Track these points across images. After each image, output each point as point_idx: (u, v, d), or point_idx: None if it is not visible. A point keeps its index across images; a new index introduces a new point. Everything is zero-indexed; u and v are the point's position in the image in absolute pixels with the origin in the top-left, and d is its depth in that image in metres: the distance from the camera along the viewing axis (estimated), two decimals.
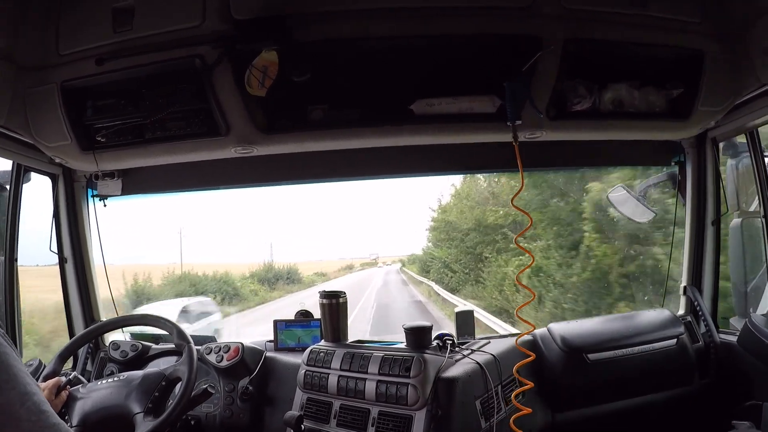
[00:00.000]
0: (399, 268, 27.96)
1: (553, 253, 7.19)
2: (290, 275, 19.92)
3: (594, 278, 6.36)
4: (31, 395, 0.82)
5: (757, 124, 1.62)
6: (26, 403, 0.81)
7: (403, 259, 29.65)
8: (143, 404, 1.26)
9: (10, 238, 1.63)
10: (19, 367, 0.83)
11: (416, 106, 1.47)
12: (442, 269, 13.64)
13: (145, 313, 1.50)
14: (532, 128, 1.49)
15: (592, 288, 6.41)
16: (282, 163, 1.73)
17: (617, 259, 5.91)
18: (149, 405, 1.26)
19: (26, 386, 0.82)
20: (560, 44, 1.36)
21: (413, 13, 1.35)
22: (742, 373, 1.65)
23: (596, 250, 6.20)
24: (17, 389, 0.81)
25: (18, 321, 1.64)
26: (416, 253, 22.59)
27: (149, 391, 1.29)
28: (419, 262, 20.67)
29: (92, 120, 1.47)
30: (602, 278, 6.15)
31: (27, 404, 0.81)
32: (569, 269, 6.84)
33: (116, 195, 1.83)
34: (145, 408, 1.25)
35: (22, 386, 0.82)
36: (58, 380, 1.30)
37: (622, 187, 1.84)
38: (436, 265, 14.64)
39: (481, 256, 11.10)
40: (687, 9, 1.42)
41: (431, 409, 1.32)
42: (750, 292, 1.80)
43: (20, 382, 0.82)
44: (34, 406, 0.82)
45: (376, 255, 33.69)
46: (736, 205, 1.82)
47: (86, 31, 1.36)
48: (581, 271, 6.56)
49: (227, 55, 1.33)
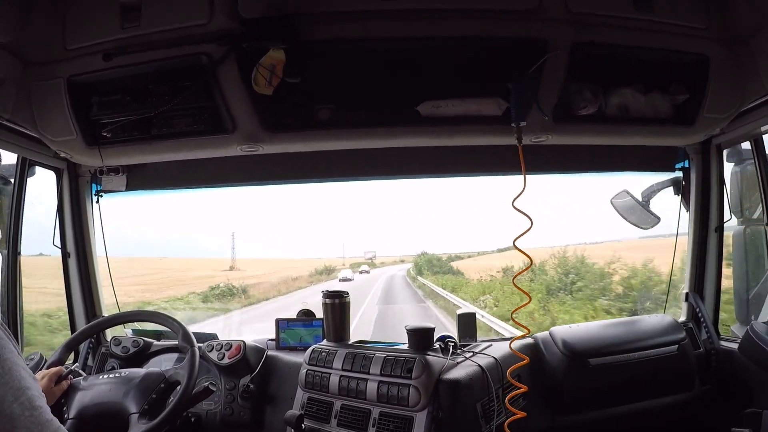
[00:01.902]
0: (405, 273, 22.48)
1: None
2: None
3: None
4: (25, 390, 0.82)
5: (762, 131, 1.62)
6: (20, 398, 0.81)
7: (408, 260, 25.29)
8: (140, 405, 1.26)
9: (13, 232, 1.63)
10: (15, 360, 0.83)
11: (422, 107, 1.47)
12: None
13: (156, 311, 1.50)
14: (538, 132, 1.49)
15: None
16: (287, 162, 1.73)
17: None
18: (145, 407, 1.26)
19: (20, 381, 0.83)
20: (566, 48, 1.37)
21: (420, 15, 1.35)
22: (742, 380, 1.65)
23: None
24: (11, 384, 0.81)
25: (20, 314, 1.64)
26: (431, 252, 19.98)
27: (147, 392, 1.29)
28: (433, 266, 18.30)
29: (98, 115, 1.47)
30: None
31: (21, 399, 0.81)
32: None
33: (120, 191, 1.84)
34: (141, 409, 1.26)
35: (17, 381, 0.82)
36: (60, 369, 1.32)
37: (626, 192, 1.83)
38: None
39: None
40: (693, 14, 1.42)
41: (432, 411, 1.32)
42: (752, 299, 1.80)
43: (15, 377, 0.82)
44: (28, 401, 0.82)
45: (372, 253, 28.25)
46: (740, 212, 1.82)
47: (93, 26, 1.36)
48: None
49: (234, 53, 1.33)
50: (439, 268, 18.50)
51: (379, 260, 28.57)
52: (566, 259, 11.37)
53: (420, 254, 21.86)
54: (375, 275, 23.30)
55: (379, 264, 27.87)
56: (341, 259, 27.76)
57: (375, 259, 27.98)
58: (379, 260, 28.57)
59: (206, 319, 10.25)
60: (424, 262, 20.54)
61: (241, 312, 13.35)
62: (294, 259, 29.48)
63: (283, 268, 22.23)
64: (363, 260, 27.07)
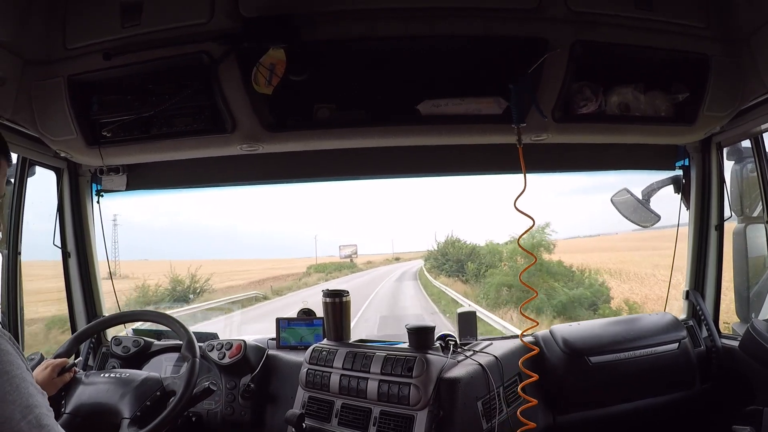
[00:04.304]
0: (419, 282, 15.67)
1: None
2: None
3: None
4: (32, 408, 0.81)
5: (762, 129, 1.62)
6: (27, 416, 0.80)
7: (405, 258, 19.33)
8: (132, 410, 1.27)
9: (13, 232, 1.63)
10: (24, 377, 0.82)
11: (423, 106, 1.47)
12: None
13: (166, 313, 1.50)
14: (538, 130, 1.49)
15: None
16: (286, 161, 1.73)
17: None
18: (137, 413, 1.26)
19: (29, 398, 0.81)
20: (567, 47, 1.37)
21: (421, 14, 1.35)
22: (743, 378, 1.65)
23: None
24: (19, 402, 0.80)
25: (20, 315, 1.64)
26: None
27: (142, 398, 1.30)
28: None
29: (98, 115, 1.47)
30: None
31: (28, 417, 0.80)
32: None
33: (121, 190, 1.84)
34: (133, 415, 1.26)
35: (25, 398, 0.81)
36: (65, 361, 1.33)
37: (626, 190, 1.83)
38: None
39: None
40: (693, 13, 1.42)
41: (433, 410, 1.32)
42: (752, 297, 1.80)
43: (23, 394, 0.81)
44: (36, 419, 0.81)
45: (351, 248, 20.18)
46: (740, 210, 1.82)
47: (94, 25, 1.36)
48: None
49: (234, 53, 1.33)
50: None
51: (366, 258, 21.77)
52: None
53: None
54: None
55: (365, 264, 20.73)
56: (310, 259, 20.09)
57: (356, 256, 20.63)
58: (366, 258, 21.77)
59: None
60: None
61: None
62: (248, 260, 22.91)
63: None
64: (339, 259, 20.07)
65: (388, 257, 24.37)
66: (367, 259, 22.79)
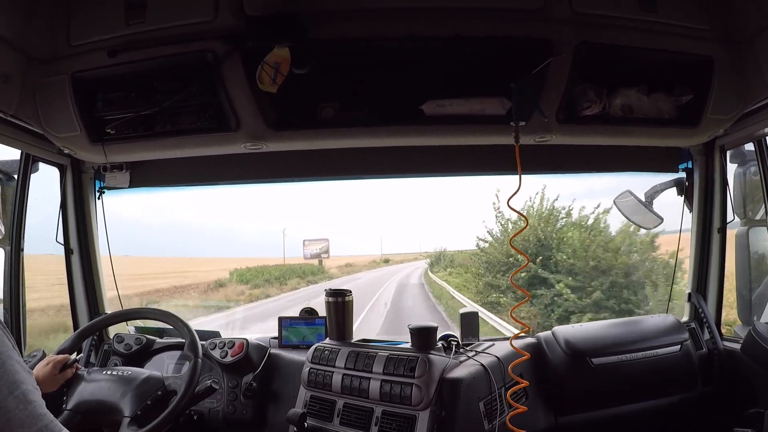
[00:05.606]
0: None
1: None
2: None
3: None
4: (19, 384, 0.84)
5: (766, 132, 1.62)
6: (14, 392, 0.83)
7: (396, 260, 15.94)
8: (133, 409, 1.27)
9: (16, 228, 1.63)
10: (9, 354, 0.85)
11: (427, 106, 1.47)
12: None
13: (171, 313, 1.49)
14: (542, 132, 1.49)
15: None
16: (289, 160, 1.73)
17: None
18: (138, 412, 1.26)
19: (15, 374, 0.84)
20: (571, 48, 1.37)
21: (425, 14, 1.35)
22: (745, 380, 1.65)
23: None
24: (6, 378, 0.83)
25: (23, 310, 1.64)
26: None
27: (143, 397, 1.29)
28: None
29: (102, 112, 1.47)
30: None
31: (15, 393, 0.83)
32: None
33: (124, 187, 1.84)
34: (133, 414, 1.26)
35: (11, 375, 0.84)
36: (66, 357, 1.34)
37: (630, 192, 1.83)
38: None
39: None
40: (696, 15, 1.42)
41: (435, 410, 1.32)
42: (755, 300, 1.81)
43: (9, 371, 0.84)
44: (22, 395, 0.84)
45: (322, 244, 14.31)
46: (743, 213, 1.82)
47: (98, 22, 1.37)
48: None
49: (239, 51, 1.33)
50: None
51: (344, 261, 16.66)
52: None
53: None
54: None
55: (339, 269, 15.95)
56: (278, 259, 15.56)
57: (326, 256, 15.16)
58: (344, 261, 16.66)
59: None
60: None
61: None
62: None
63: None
64: (303, 260, 15.16)
65: (375, 259, 19.29)
66: (346, 260, 17.62)
